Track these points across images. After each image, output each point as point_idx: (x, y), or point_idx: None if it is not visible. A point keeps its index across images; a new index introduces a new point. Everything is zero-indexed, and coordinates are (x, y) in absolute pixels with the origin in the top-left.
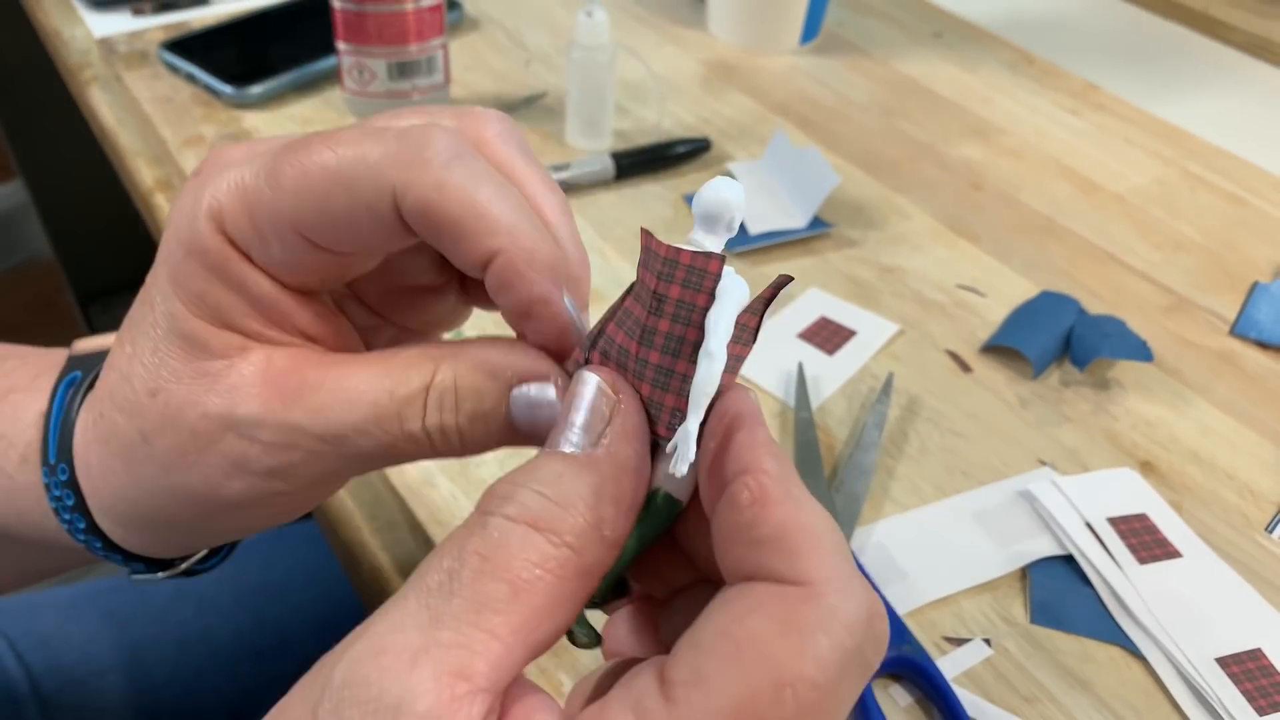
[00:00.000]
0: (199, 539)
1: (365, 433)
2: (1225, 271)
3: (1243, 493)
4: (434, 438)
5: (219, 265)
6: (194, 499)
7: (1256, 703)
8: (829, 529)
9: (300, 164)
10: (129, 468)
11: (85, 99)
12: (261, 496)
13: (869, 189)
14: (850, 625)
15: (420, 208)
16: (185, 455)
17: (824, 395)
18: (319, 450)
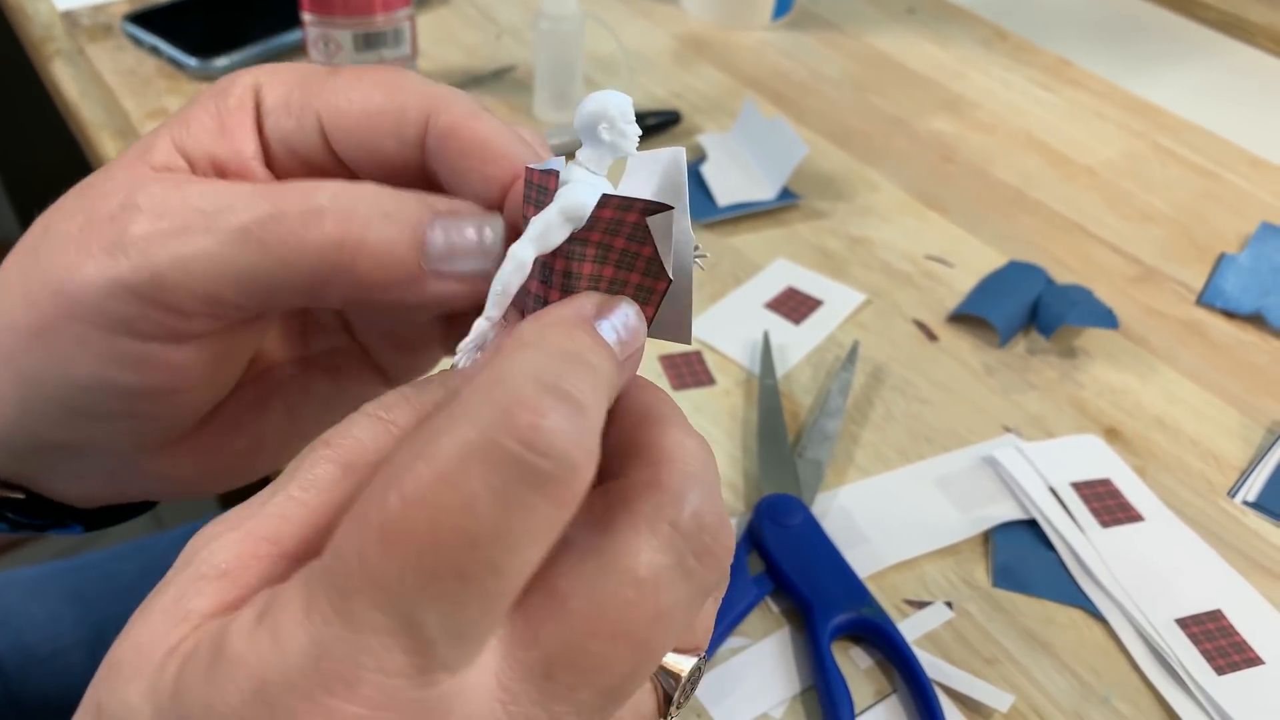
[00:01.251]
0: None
1: (252, 204)
2: (1193, 243)
3: (1206, 458)
4: (329, 219)
5: (229, 109)
6: (43, 295)
7: (1215, 662)
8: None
9: (357, 70)
10: (11, 269)
11: (49, 73)
12: (107, 299)
13: (839, 161)
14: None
15: (452, 129)
16: (67, 239)
17: (790, 364)
18: (189, 224)
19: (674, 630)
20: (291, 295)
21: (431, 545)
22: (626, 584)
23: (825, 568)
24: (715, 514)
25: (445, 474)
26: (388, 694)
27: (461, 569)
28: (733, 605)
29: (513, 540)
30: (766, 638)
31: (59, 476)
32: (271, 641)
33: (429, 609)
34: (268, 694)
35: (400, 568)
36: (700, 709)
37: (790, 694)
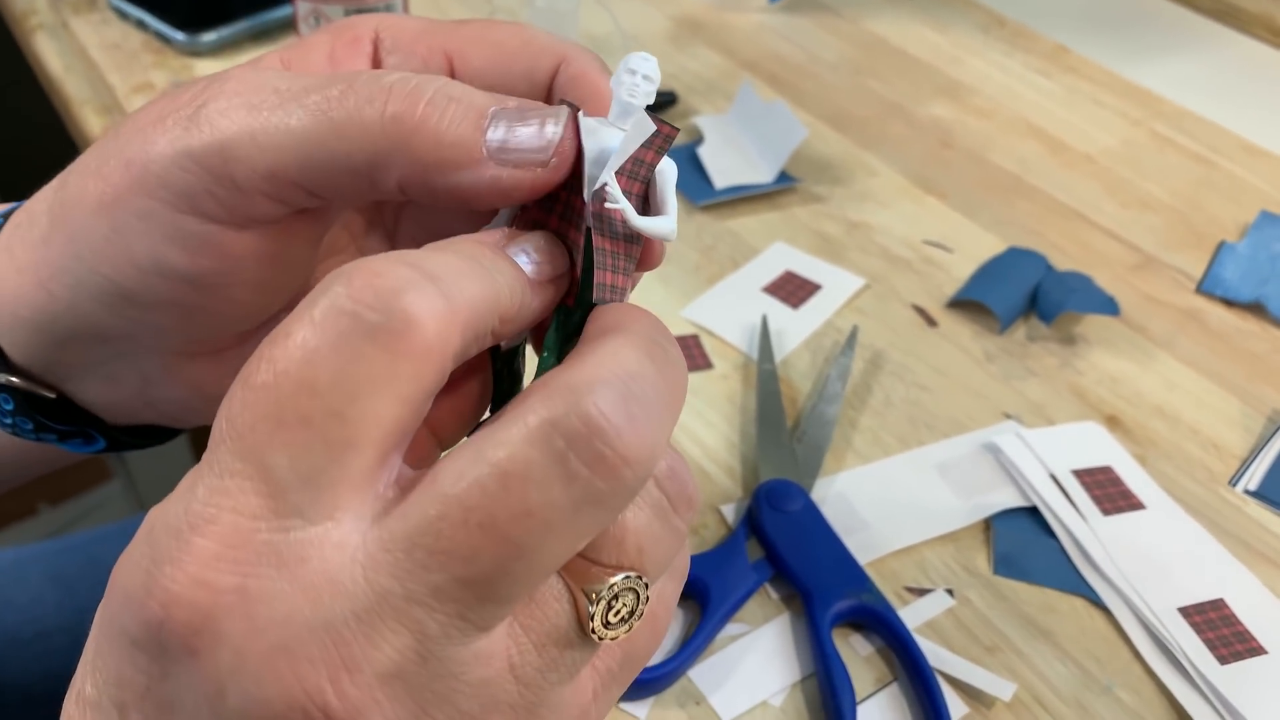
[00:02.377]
0: (81, 299)
1: (321, 85)
2: (1192, 231)
3: (1206, 447)
4: (395, 93)
5: (343, 41)
6: (114, 167)
7: (1218, 651)
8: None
9: (486, 20)
10: (87, 153)
11: (31, 47)
12: (174, 170)
13: (837, 146)
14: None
15: (581, 76)
16: (146, 116)
17: (788, 349)
18: (263, 100)
19: (552, 534)
20: (352, 176)
21: (275, 395)
22: (492, 475)
23: (825, 554)
24: (621, 420)
25: (291, 334)
26: (244, 534)
27: (304, 415)
28: (731, 590)
29: (351, 387)
30: (765, 624)
31: (93, 378)
32: (167, 500)
33: (278, 453)
34: (154, 536)
35: (253, 417)
36: (699, 696)
37: (790, 681)
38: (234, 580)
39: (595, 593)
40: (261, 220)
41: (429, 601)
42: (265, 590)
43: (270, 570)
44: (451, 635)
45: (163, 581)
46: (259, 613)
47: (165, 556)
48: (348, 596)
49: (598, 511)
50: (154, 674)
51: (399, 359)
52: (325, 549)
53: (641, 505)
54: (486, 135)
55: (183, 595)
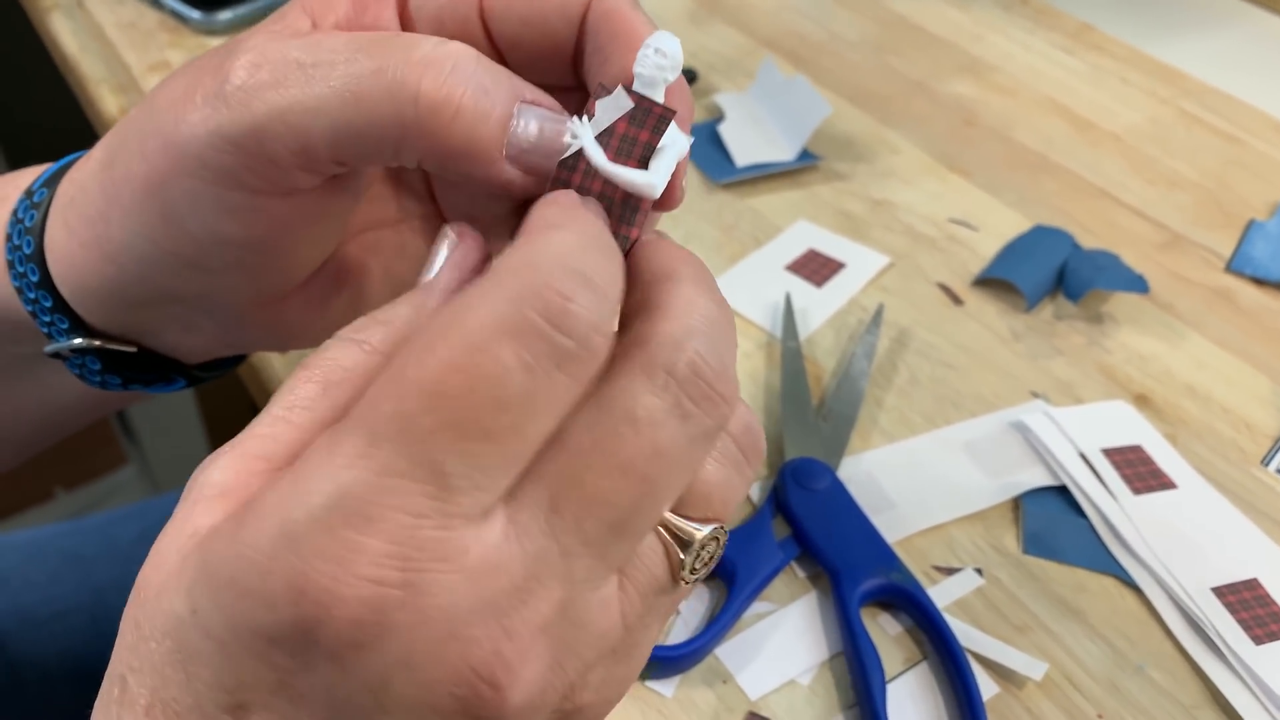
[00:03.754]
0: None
1: (348, 57)
2: (1220, 209)
3: (1238, 426)
4: (430, 73)
5: None
6: (155, 148)
7: (1253, 631)
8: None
9: None
10: (130, 124)
11: (46, 26)
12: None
13: (858, 123)
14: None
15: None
16: (178, 89)
17: (812, 327)
18: (288, 75)
19: (675, 469)
20: (378, 152)
21: (466, 406)
22: (622, 421)
23: (852, 532)
24: (715, 363)
25: (480, 343)
26: (408, 531)
27: (489, 429)
28: (758, 570)
29: (535, 408)
30: (793, 603)
31: (171, 328)
32: (293, 484)
33: (455, 461)
34: (292, 531)
35: (435, 421)
36: (726, 675)
37: (818, 660)
38: (401, 576)
39: (688, 544)
40: (302, 188)
41: (580, 549)
42: (431, 583)
43: (435, 564)
44: (592, 579)
45: (321, 580)
46: (426, 604)
47: (318, 553)
48: (505, 572)
49: (706, 444)
50: (292, 668)
51: (580, 383)
52: (483, 536)
53: (722, 460)
54: (510, 136)
55: (348, 594)
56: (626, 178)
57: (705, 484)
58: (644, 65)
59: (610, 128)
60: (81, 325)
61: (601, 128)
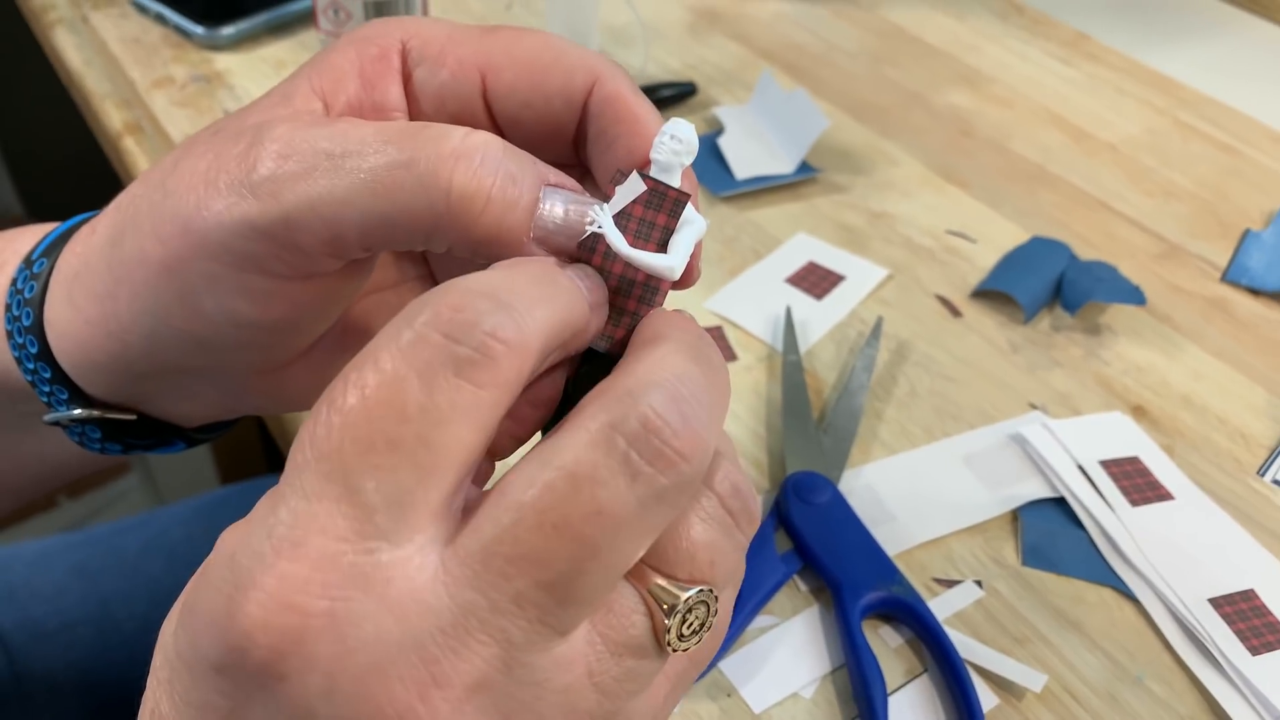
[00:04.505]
0: (156, 346)
1: (380, 148)
2: (1217, 219)
3: (1234, 437)
4: (460, 167)
5: (372, 56)
6: (172, 232)
7: (1250, 642)
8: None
9: (516, 29)
10: (139, 200)
11: (50, 41)
12: (234, 238)
13: (857, 135)
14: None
15: (616, 96)
16: (195, 174)
17: (812, 340)
18: (317, 166)
19: (622, 531)
20: (410, 240)
21: (365, 420)
22: (561, 477)
23: (853, 546)
24: (675, 420)
25: (379, 362)
26: (330, 556)
27: (392, 440)
28: (760, 583)
29: (437, 415)
30: (795, 616)
31: (172, 397)
32: (244, 523)
33: (366, 476)
34: (235, 561)
35: (340, 440)
36: (730, 688)
37: (820, 673)
38: (323, 604)
39: (672, 607)
40: (324, 272)
41: (511, 609)
42: (354, 612)
43: (358, 593)
44: (534, 641)
45: (248, 608)
46: (349, 634)
47: (250, 582)
48: (433, 614)
49: (661, 507)
50: (238, 699)
51: (481, 389)
52: (409, 569)
53: (710, 521)
54: (538, 219)
55: (271, 621)
56: (648, 262)
57: (691, 543)
58: (661, 151)
59: (627, 211)
60: (81, 395)
61: (617, 210)
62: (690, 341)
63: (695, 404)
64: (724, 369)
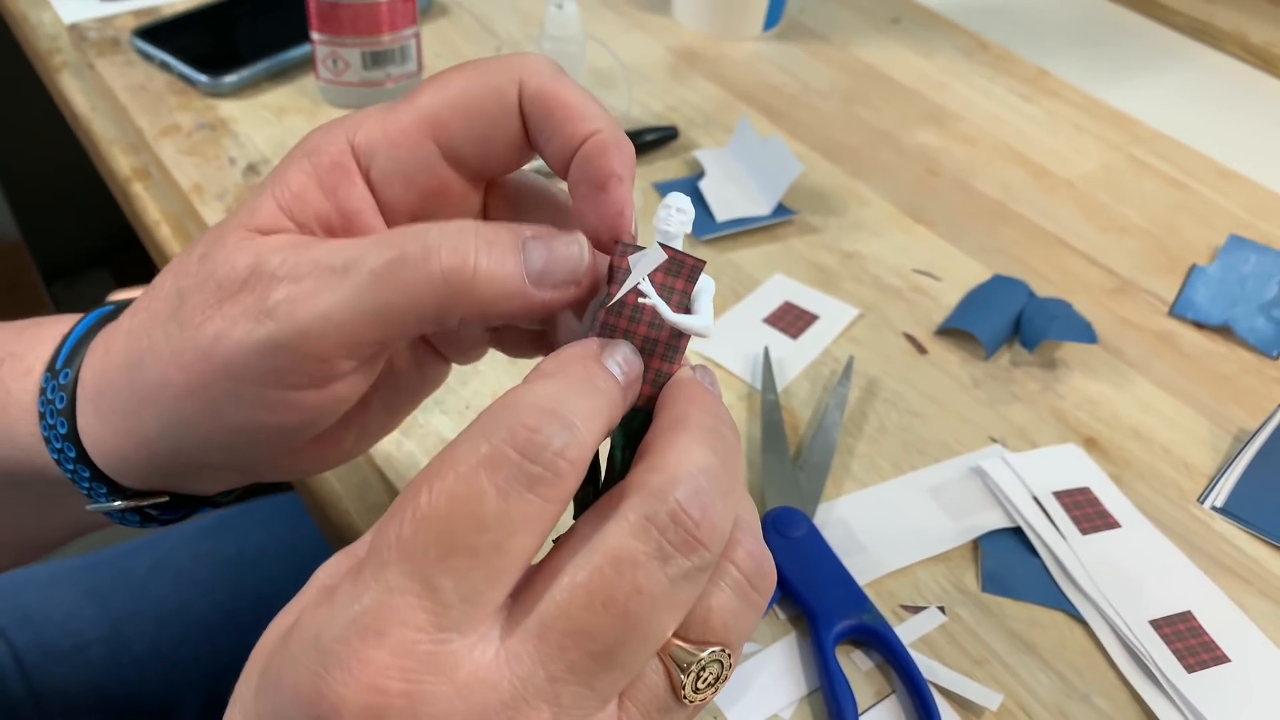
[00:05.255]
0: (183, 454)
1: (372, 253)
2: (1166, 254)
3: (1177, 466)
4: (445, 252)
5: (327, 165)
6: (192, 361)
7: (1186, 661)
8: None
9: (433, 81)
10: (153, 331)
11: (56, 85)
12: (255, 358)
13: (830, 176)
14: (475, 435)
15: (540, 92)
16: (206, 308)
17: (788, 378)
18: (325, 281)
19: (659, 606)
20: (421, 324)
21: (449, 527)
22: (606, 562)
23: (827, 576)
24: (697, 511)
25: (462, 474)
26: (409, 644)
27: (471, 546)
28: None
29: (511, 525)
30: (775, 643)
31: (199, 483)
32: (328, 606)
33: (446, 577)
34: (320, 643)
35: (425, 543)
36: (715, 710)
37: (798, 695)
38: (401, 686)
39: (686, 665)
40: (342, 374)
41: (565, 676)
42: (428, 693)
43: (431, 676)
44: (581, 705)
45: (336, 688)
46: (421, 712)
47: (336, 664)
48: (496, 690)
49: (688, 584)
50: None
51: (548, 503)
52: (475, 655)
53: (723, 586)
54: (526, 266)
55: (356, 699)
56: (687, 324)
57: (706, 609)
58: (668, 223)
59: (648, 279)
60: (117, 486)
61: (641, 276)
62: (709, 425)
63: (713, 494)
64: (737, 444)
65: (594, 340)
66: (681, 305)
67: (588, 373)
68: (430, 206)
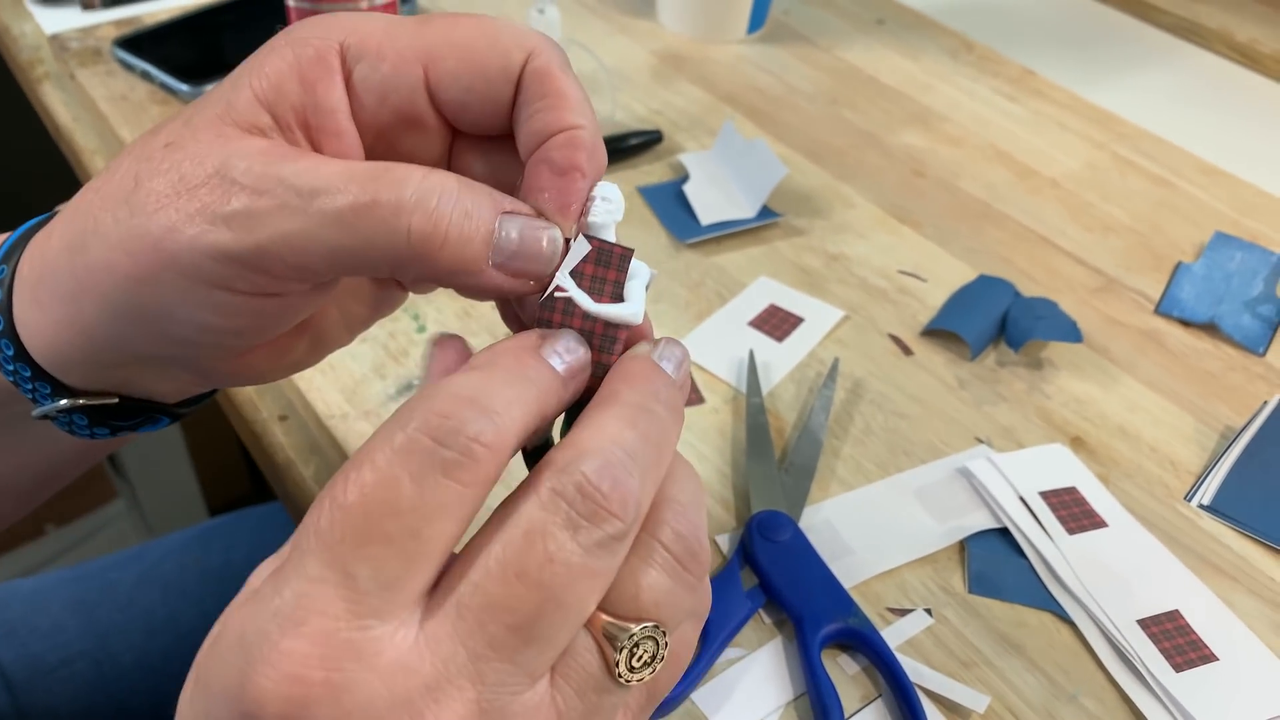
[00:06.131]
0: (125, 341)
1: (345, 190)
2: (1151, 252)
3: (1164, 464)
4: (417, 215)
5: (311, 58)
6: (141, 248)
7: (1173, 660)
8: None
9: (450, 16)
10: (100, 213)
11: (38, 96)
12: (207, 260)
13: (815, 178)
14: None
15: (544, 71)
16: (162, 198)
17: (774, 381)
18: (288, 203)
19: (574, 577)
20: (373, 271)
21: (363, 514)
22: (516, 534)
23: (813, 580)
24: (606, 484)
25: (377, 463)
26: (328, 633)
27: (387, 533)
28: (728, 618)
29: (426, 511)
30: (761, 648)
31: (148, 381)
32: (252, 603)
33: (362, 564)
34: (244, 639)
35: (342, 533)
36: (701, 717)
37: (784, 700)
38: (322, 674)
39: (616, 641)
40: (289, 293)
41: (486, 653)
42: (349, 680)
43: (352, 663)
44: (506, 682)
45: (258, 680)
46: (344, 700)
47: (259, 657)
48: (418, 673)
49: (603, 553)
50: None
51: (465, 486)
52: (395, 640)
53: (651, 563)
54: (494, 246)
55: (278, 691)
56: (614, 313)
57: (636, 587)
58: (597, 214)
59: (579, 270)
60: (63, 387)
61: (569, 269)
62: (636, 402)
63: (627, 468)
64: (671, 422)
65: (534, 332)
66: (615, 295)
67: (519, 363)
68: (398, 131)
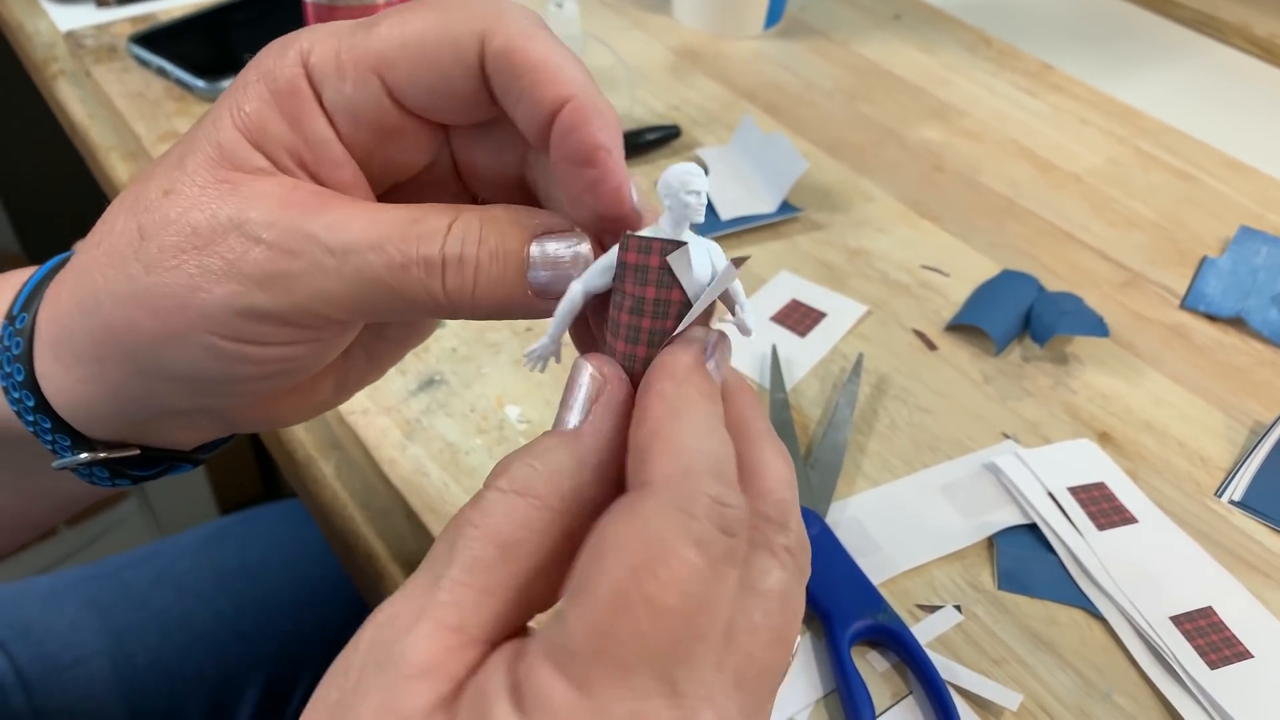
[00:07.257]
0: (152, 397)
1: (378, 248)
2: (1176, 247)
3: (1193, 459)
4: (449, 270)
5: (285, 91)
6: (167, 308)
7: (1209, 657)
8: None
9: (397, 13)
10: (108, 270)
11: (53, 93)
12: (239, 319)
13: (834, 173)
14: (675, 512)
15: (506, 50)
16: (178, 253)
17: (797, 377)
18: (322, 263)
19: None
20: (414, 317)
21: (683, 618)
22: (772, 599)
23: (842, 577)
24: (776, 510)
25: (685, 557)
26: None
27: (701, 632)
28: None
29: (726, 603)
30: None
31: (171, 431)
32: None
33: (682, 666)
34: None
35: (670, 640)
36: None
37: (815, 698)
38: None
39: None
40: (325, 339)
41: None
42: None
43: None
44: None
45: None
46: None
47: None
48: None
49: None
50: None
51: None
52: None
53: None
54: (530, 283)
55: None
56: (739, 322)
57: None
58: (699, 214)
59: (641, 296)
60: (83, 438)
61: (717, 294)
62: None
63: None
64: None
65: (695, 346)
66: (679, 317)
67: (709, 409)
68: (383, 143)
